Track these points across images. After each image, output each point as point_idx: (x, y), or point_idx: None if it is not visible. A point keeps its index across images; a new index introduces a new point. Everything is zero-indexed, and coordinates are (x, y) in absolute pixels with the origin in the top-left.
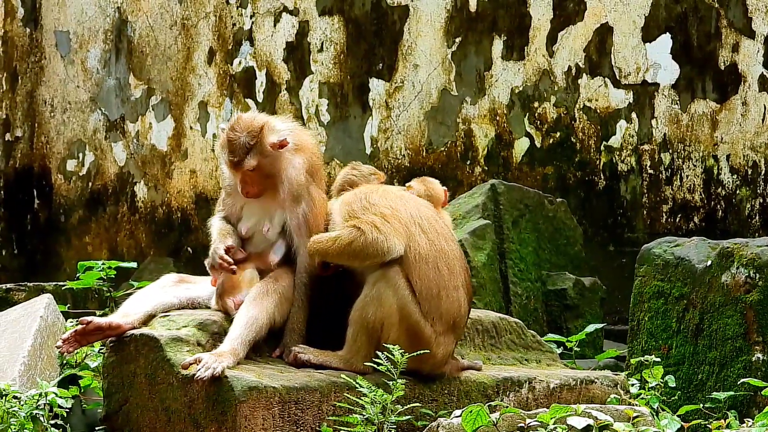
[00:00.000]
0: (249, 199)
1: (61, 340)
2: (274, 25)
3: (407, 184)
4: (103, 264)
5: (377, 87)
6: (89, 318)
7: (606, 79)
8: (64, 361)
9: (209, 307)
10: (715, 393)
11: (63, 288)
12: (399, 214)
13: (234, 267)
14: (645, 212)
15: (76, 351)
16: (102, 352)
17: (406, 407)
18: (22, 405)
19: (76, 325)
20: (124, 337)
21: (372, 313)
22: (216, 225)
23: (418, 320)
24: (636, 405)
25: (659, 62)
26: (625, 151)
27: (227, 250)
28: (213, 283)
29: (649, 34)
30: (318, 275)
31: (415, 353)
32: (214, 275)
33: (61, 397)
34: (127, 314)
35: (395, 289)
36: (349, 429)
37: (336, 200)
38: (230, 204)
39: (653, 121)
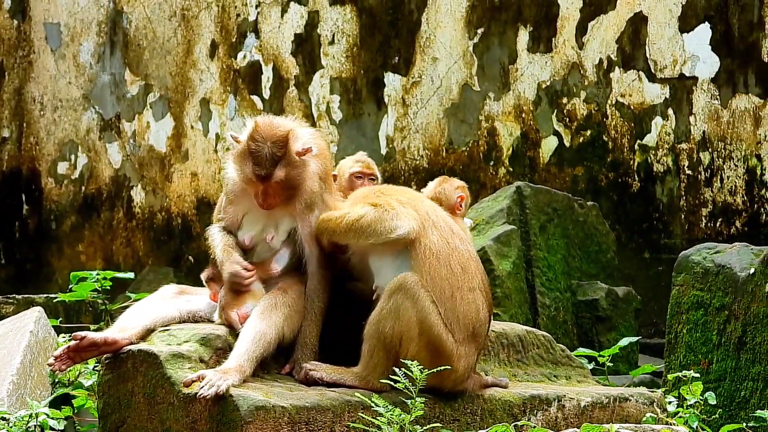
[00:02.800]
0: (252, 207)
1: (53, 357)
2: (282, 16)
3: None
4: (97, 274)
5: (393, 82)
6: (83, 333)
7: (640, 72)
8: (56, 380)
9: (212, 321)
10: (759, 411)
11: (54, 300)
12: (413, 205)
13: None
14: (683, 216)
15: (69, 369)
16: (97, 370)
17: (425, 428)
18: (11, 427)
19: (69, 340)
20: (121, 354)
21: (389, 327)
22: (218, 238)
23: (439, 333)
24: (674, 424)
25: (698, 54)
26: (661, 150)
27: (247, 270)
28: (213, 298)
29: (686, 23)
30: (331, 276)
31: (434, 369)
32: (213, 289)
33: (53, 418)
34: (123, 328)
35: (414, 300)
36: None
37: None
38: (231, 212)
39: (691, 118)
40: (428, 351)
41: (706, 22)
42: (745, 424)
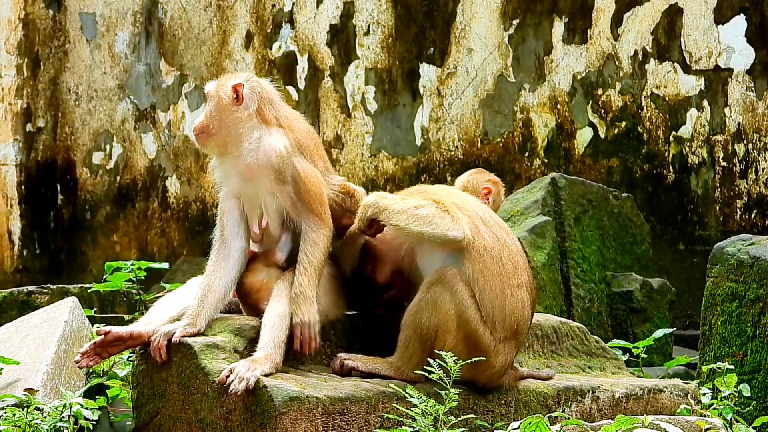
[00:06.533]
0: (245, 196)
1: (79, 353)
2: (317, 6)
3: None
4: (132, 265)
5: (428, 73)
6: (108, 328)
7: (675, 64)
8: (91, 370)
9: (242, 312)
10: None
11: (89, 291)
12: (465, 207)
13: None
14: (717, 208)
15: (95, 365)
16: (131, 360)
17: (459, 419)
18: (45, 417)
19: (95, 336)
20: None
21: (426, 319)
22: (197, 284)
23: (476, 327)
24: (708, 416)
25: (733, 46)
26: (696, 141)
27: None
28: (233, 296)
29: (721, 15)
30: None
31: (469, 360)
32: None
33: (87, 409)
34: (150, 322)
35: (453, 293)
36: None
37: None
38: (224, 203)
39: (726, 110)
40: (465, 345)
41: (742, 14)
42: None
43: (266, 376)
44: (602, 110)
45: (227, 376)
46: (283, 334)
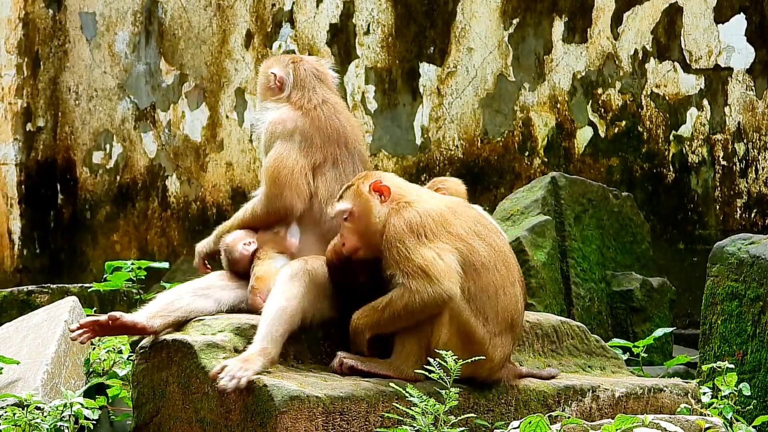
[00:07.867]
0: None
1: (78, 323)
2: (317, 6)
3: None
4: (132, 264)
5: (428, 72)
6: (117, 314)
7: (675, 63)
8: (91, 369)
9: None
10: None
11: (89, 290)
12: (458, 237)
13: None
14: (717, 207)
15: (87, 341)
16: (131, 360)
17: (459, 418)
18: (45, 416)
19: (97, 313)
20: (156, 343)
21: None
22: None
23: (468, 318)
24: (708, 415)
25: (733, 45)
26: (696, 141)
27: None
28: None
29: (721, 14)
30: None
31: (470, 359)
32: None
33: (87, 408)
34: (154, 315)
35: None
36: None
37: (388, 231)
38: None
39: (726, 109)
40: (459, 338)
41: (742, 13)
42: None
43: (260, 373)
44: (602, 109)
45: (218, 373)
46: (282, 328)
